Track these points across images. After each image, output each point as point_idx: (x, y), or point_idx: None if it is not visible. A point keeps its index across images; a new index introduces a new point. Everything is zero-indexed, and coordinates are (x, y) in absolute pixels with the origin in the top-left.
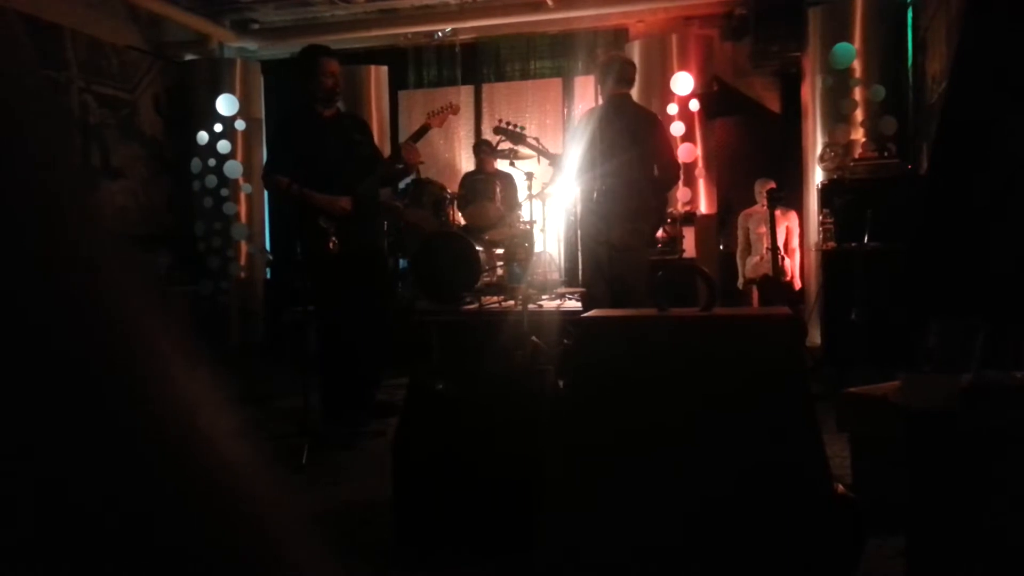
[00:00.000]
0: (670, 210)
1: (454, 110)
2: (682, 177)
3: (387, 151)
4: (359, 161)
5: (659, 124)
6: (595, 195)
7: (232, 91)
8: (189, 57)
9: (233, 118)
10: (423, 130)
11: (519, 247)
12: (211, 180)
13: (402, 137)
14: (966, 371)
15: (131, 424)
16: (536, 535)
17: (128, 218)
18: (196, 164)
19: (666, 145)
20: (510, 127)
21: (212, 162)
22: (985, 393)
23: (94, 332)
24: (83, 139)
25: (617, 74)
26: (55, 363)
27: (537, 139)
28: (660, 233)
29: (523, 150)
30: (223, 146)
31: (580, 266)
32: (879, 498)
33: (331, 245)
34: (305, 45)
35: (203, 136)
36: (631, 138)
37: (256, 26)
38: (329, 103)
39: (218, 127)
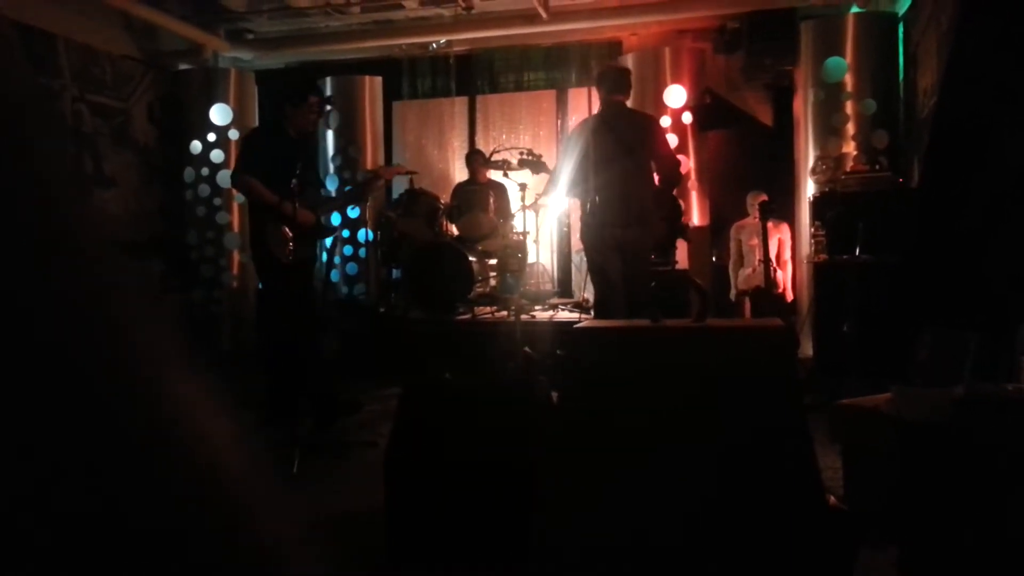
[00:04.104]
0: None
1: (408, 172)
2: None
3: (381, 161)
4: (315, 182)
5: (655, 126)
6: (591, 207)
7: (226, 101)
8: (183, 67)
9: (227, 128)
10: (373, 178)
11: (512, 258)
12: (204, 189)
13: (395, 148)
14: (958, 383)
15: (127, 428)
16: (531, 544)
17: (120, 226)
18: (189, 173)
19: (664, 146)
20: (532, 157)
21: (205, 171)
22: (977, 405)
23: (91, 336)
24: (76, 147)
25: (611, 83)
26: (52, 365)
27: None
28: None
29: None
30: (216, 155)
31: (573, 278)
32: (872, 509)
33: (288, 252)
34: (302, 65)
35: (196, 145)
36: (628, 145)
37: (251, 36)
38: (300, 131)
39: (212, 137)
